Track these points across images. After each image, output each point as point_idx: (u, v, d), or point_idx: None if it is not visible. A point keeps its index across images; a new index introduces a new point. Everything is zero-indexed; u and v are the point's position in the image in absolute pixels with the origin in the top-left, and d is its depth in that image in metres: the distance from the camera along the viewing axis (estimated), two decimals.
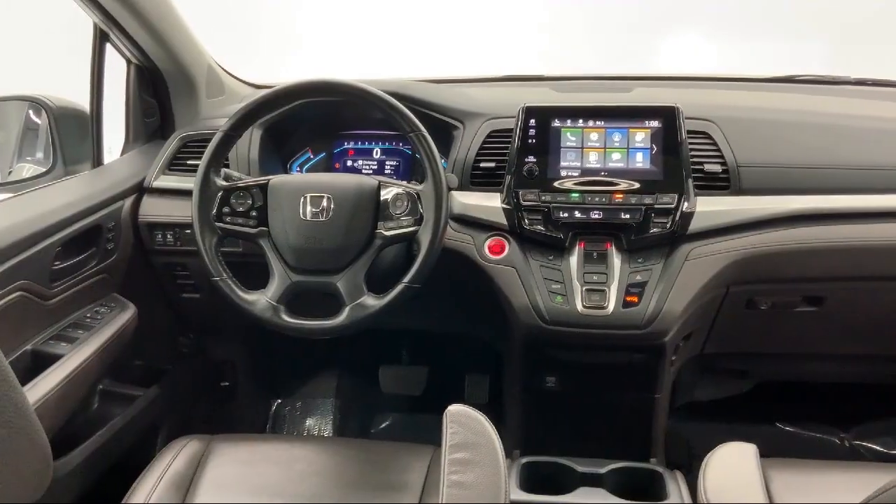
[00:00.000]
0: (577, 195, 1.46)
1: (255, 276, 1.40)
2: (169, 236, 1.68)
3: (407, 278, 1.34)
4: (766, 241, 1.44)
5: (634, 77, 1.93)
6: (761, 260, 1.44)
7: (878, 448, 2.03)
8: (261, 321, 1.37)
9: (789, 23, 2.31)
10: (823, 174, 1.48)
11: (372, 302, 1.35)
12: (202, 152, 1.42)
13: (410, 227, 1.37)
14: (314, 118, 1.73)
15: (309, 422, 2.17)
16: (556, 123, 1.51)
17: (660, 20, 2.40)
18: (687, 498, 1.32)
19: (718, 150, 1.49)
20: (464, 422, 0.99)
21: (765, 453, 1.30)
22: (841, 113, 1.62)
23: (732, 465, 1.08)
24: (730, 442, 1.14)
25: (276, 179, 1.42)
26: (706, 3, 2.38)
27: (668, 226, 1.42)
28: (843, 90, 1.87)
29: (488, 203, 1.52)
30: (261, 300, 1.37)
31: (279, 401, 2.23)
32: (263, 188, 1.41)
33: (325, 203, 1.37)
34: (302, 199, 1.37)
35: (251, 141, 1.65)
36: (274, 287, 1.38)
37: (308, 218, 1.37)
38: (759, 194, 1.46)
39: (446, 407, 1.00)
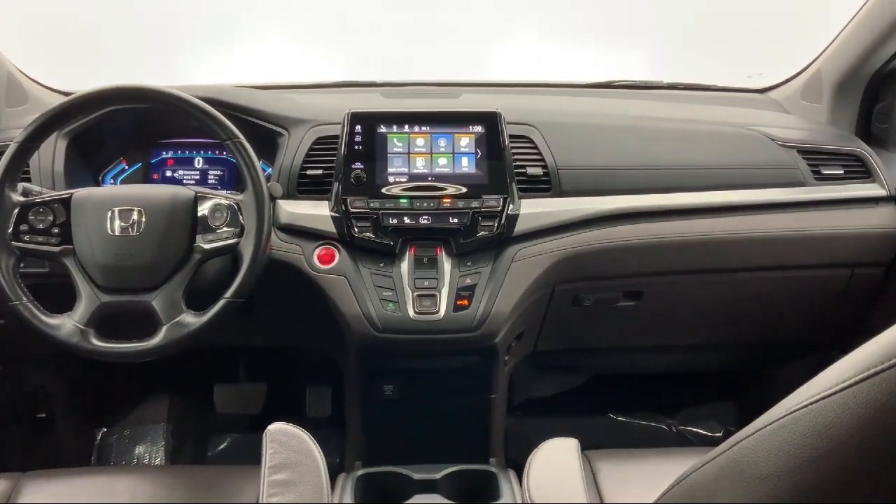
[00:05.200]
0: (405, 201, 1.45)
1: (68, 299, 1.30)
2: None
3: (229, 293, 1.29)
4: (586, 240, 1.49)
5: (463, 83, 1.95)
6: (582, 258, 1.49)
7: (702, 432, 2.17)
8: (67, 347, 1.26)
9: (612, 32, 2.41)
10: (638, 174, 1.55)
11: (191, 320, 1.28)
12: None
13: (231, 238, 1.31)
14: (128, 126, 1.62)
15: (139, 450, 2.02)
16: (383, 129, 1.50)
17: (495, 28, 2.45)
18: (518, 496, 1.34)
19: (539, 153, 1.53)
20: (284, 441, 0.95)
21: (598, 444, 1.34)
22: (654, 116, 1.70)
23: (554, 461, 1.11)
24: (551, 439, 1.17)
25: (80, 193, 1.32)
26: (537, 13, 2.45)
27: (495, 228, 1.44)
28: (658, 94, 1.99)
29: (316, 211, 1.48)
30: (66, 324, 1.27)
31: (104, 430, 2.07)
32: (66, 203, 1.31)
33: (135, 217, 1.28)
34: (109, 214, 1.28)
35: (55, 152, 1.52)
36: (81, 309, 1.27)
37: (116, 233, 1.28)
38: (578, 195, 1.51)
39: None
